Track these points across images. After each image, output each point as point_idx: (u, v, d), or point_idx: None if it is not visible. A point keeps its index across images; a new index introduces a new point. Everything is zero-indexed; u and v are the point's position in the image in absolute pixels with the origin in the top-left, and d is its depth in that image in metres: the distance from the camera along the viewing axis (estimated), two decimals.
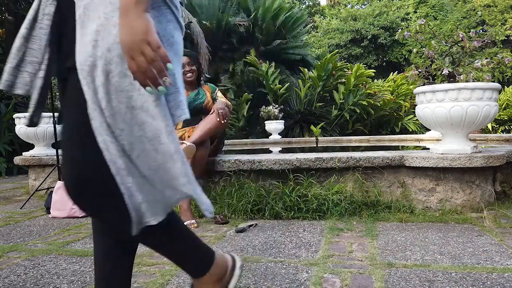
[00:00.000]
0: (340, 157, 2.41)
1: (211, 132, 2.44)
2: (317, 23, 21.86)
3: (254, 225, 2.24)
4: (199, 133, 2.39)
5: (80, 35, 0.76)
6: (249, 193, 2.46)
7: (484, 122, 2.38)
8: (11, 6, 8.02)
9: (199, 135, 2.38)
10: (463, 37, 4.16)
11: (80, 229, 2.33)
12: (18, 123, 3.71)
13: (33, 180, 3.81)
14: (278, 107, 8.77)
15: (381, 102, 9.30)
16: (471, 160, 2.25)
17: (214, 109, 2.48)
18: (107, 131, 0.74)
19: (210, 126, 2.43)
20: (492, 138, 5.35)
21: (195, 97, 2.76)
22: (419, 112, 2.53)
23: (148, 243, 0.95)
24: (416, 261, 1.58)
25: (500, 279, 1.37)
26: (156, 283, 1.43)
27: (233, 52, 11.17)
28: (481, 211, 2.27)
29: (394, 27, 18.22)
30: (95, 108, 0.74)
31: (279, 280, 1.43)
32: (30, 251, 1.89)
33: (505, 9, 18.38)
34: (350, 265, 1.56)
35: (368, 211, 2.35)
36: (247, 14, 11.52)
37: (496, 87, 2.34)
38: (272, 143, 7.56)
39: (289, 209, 2.38)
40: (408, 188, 2.42)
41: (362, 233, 2.00)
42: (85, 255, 1.80)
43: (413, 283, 1.36)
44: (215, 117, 2.44)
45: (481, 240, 1.83)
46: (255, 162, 2.52)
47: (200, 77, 2.86)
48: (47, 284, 1.47)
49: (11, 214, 2.87)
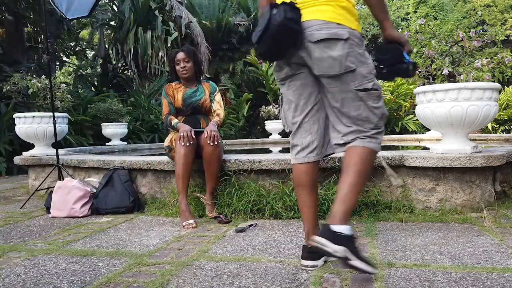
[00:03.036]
0: (340, 157, 2.41)
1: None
2: None
3: (254, 225, 2.24)
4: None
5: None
6: (249, 193, 2.46)
7: (484, 122, 2.38)
8: (11, 6, 8.01)
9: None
10: (463, 37, 4.15)
11: (80, 229, 2.33)
12: (18, 123, 3.71)
13: (33, 180, 3.81)
14: (278, 107, 8.77)
15: None
16: (471, 160, 2.24)
17: (205, 131, 2.47)
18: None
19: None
20: (492, 138, 5.35)
21: (192, 94, 2.73)
22: (419, 112, 2.53)
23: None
24: (416, 261, 1.58)
25: (500, 279, 1.37)
26: (156, 283, 1.43)
27: (233, 52, 11.17)
28: (481, 211, 2.27)
29: (394, 27, 18.22)
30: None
31: (279, 280, 1.43)
32: (30, 251, 1.89)
33: (505, 9, 18.36)
34: None
35: (368, 211, 2.35)
36: (247, 14, 11.52)
37: (496, 87, 2.34)
38: (272, 143, 7.57)
39: (289, 209, 2.38)
40: (408, 188, 2.42)
41: (362, 233, 2.00)
42: (85, 255, 1.80)
43: (413, 283, 1.36)
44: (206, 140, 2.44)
45: (481, 240, 1.83)
46: (255, 162, 2.52)
47: (199, 72, 2.82)
48: (47, 284, 1.47)
49: (11, 214, 2.87)
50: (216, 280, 1.44)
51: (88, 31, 13.55)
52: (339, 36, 1.36)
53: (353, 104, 1.43)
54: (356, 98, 1.42)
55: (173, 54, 2.73)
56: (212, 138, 2.42)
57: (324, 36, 1.36)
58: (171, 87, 2.76)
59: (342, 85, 1.42)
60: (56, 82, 4.91)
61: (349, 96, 1.42)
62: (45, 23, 3.53)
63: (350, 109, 1.44)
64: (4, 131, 5.85)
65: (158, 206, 2.75)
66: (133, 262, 1.67)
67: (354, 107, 1.43)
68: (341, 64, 1.38)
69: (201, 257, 1.71)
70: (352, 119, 1.46)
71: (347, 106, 1.44)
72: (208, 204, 2.49)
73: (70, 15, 3.38)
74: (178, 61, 2.70)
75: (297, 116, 1.55)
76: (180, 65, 2.69)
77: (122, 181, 2.79)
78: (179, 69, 2.71)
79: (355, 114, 1.44)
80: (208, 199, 2.50)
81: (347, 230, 1.34)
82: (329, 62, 1.38)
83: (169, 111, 2.71)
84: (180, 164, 2.39)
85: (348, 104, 1.44)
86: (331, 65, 1.38)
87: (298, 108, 1.54)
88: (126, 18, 8.78)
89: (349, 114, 1.45)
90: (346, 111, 1.45)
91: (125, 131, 6.25)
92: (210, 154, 2.43)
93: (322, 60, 1.39)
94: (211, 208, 2.48)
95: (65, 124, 3.85)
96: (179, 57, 2.69)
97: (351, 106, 1.44)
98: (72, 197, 2.67)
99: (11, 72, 6.39)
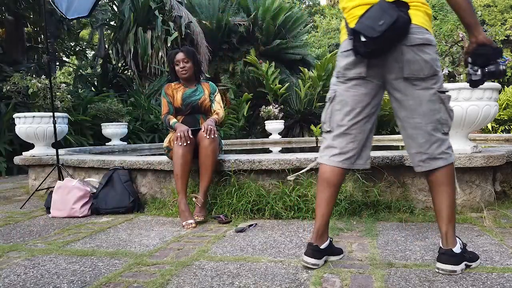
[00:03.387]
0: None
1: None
2: (317, 23, 21.85)
3: (254, 225, 2.24)
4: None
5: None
6: (249, 193, 2.46)
7: (484, 122, 2.38)
8: (11, 6, 8.02)
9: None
10: (463, 37, 4.16)
11: (80, 229, 2.33)
12: (18, 123, 3.71)
13: (33, 180, 3.81)
14: (278, 107, 8.77)
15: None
16: (471, 160, 2.24)
17: (203, 125, 2.51)
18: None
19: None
20: (492, 138, 5.35)
21: (191, 94, 2.74)
22: None
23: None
24: (416, 261, 1.58)
25: (500, 279, 1.37)
26: (156, 283, 1.43)
27: (233, 52, 11.18)
28: (481, 211, 2.27)
29: None
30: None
31: (279, 280, 1.43)
32: (30, 251, 1.89)
33: (505, 9, 18.37)
34: (350, 265, 1.56)
35: (368, 211, 2.35)
36: (247, 14, 11.51)
37: (496, 87, 2.34)
38: (272, 143, 7.57)
39: (289, 209, 2.38)
40: (408, 188, 2.42)
41: (362, 233, 2.00)
42: (85, 255, 1.80)
43: (413, 283, 1.36)
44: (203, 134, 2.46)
45: (481, 240, 1.83)
46: (255, 162, 2.52)
47: (198, 73, 2.82)
48: (47, 284, 1.47)
49: (11, 214, 2.87)
50: (216, 280, 1.44)
51: (88, 31, 13.56)
52: (430, 42, 1.43)
53: (433, 107, 1.46)
54: (437, 101, 1.46)
55: (173, 55, 2.73)
56: (209, 131, 2.43)
57: (419, 41, 1.41)
58: (171, 87, 2.77)
59: (426, 88, 1.45)
60: (56, 82, 4.91)
61: (432, 99, 1.46)
62: (45, 23, 3.53)
63: (432, 113, 1.46)
64: (4, 131, 5.85)
65: (158, 206, 2.75)
66: (133, 262, 1.68)
67: (434, 111, 1.46)
68: (431, 67, 1.43)
69: (201, 257, 1.71)
70: (433, 124, 1.47)
71: (428, 110, 1.46)
72: (198, 206, 2.39)
73: (70, 15, 3.38)
74: (177, 62, 2.71)
75: (347, 121, 1.54)
76: (180, 65, 2.70)
77: (122, 181, 2.79)
78: (178, 70, 2.71)
79: (437, 117, 1.46)
80: (200, 199, 2.40)
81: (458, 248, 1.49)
82: (421, 65, 1.42)
83: (168, 110, 2.71)
84: (178, 164, 2.39)
85: (428, 107, 1.46)
86: (422, 67, 1.42)
87: (352, 114, 1.53)
88: (126, 18, 8.78)
89: (430, 118, 1.46)
90: (427, 114, 1.46)
91: (125, 131, 6.25)
92: (206, 147, 2.42)
93: (414, 63, 1.42)
94: (200, 210, 2.38)
95: (65, 124, 3.85)
96: (179, 58, 2.69)
97: (432, 109, 1.46)
98: (72, 197, 2.67)
99: (11, 72, 6.39)
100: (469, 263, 1.49)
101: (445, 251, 1.45)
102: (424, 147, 1.49)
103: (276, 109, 8.49)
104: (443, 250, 1.46)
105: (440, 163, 1.47)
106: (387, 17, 1.33)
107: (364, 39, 1.37)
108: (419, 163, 1.52)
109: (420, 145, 1.50)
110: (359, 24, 1.39)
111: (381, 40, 1.36)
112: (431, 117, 1.46)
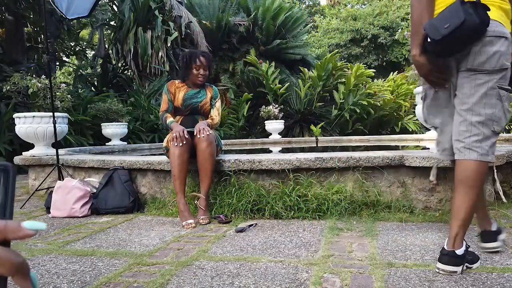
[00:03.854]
0: (340, 157, 2.41)
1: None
2: (317, 23, 21.85)
3: (254, 225, 2.24)
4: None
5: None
6: (249, 193, 2.46)
7: None
8: (11, 6, 8.02)
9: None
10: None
11: (80, 229, 2.33)
12: (18, 123, 3.71)
13: (33, 180, 3.81)
14: (278, 107, 8.77)
15: (381, 102, 9.29)
16: None
17: (196, 127, 2.51)
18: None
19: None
20: None
21: (193, 95, 2.72)
22: (419, 112, 2.53)
23: None
24: (416, 261, 1.58)
25: (500, 279, 1.37)
26: (156, 283, 1.43)
27: (233, 52, 11.18)
28: None
29: (394, 27, 18.21)
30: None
31: (279, 280, 1.43)
32: (30, 251, 1.89)
33: None
34: (350, 265, 1.56)
35: (368, 211, 2.35)
36: (247, 14, 11.51)
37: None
38: (272, 143, 7.57)
39: (289, 209, 2.38)
40: (408, 188, 2.42)
41: (362, 233, 2.00)
42: (85, 255, 1.80)
43: (413, 283, 1.36)
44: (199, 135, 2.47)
45: None
46: (255, 162, 2.52)
47: (207, 79, 2.80)
48: (47, 284, 1.47)
49: None
50: (216, 280, 1.44)
51: (88, 31, 13.55)
52: (502, 34, 1.38)
53: (489, 101, 1.41)
54: (495, 96, 1.41)
55: (194, 56, 2.65)
56: (201, 130, 2.44)
57: (489, 33, 1.37)
58: (174, 84, 2.74)
59: (488, 82, 1.40)
60: (56, 82, 4.90)
61: (489, 93, 1.41)
62: (45, 23, 3.53)
63: (484, 106, 1.41)
64: (4, 131, 5.85)
65: (158, 206, 2.75)
66: (133, 262, 1.68)
67: (488, 105, 1.41)
68: (498, 61, 1.38)
69: (201, 257, 1.71)
70: (481, 117, 1.41)
71: (479, 101, 1.41)
72: (202, 209, 2.40)
73: (70, 15, 3.38)
74: (198, 66, 2.65)
75: (439, 119, 1.59)
76: (200, 71, 2.65)
77: (122, 181, 2.79)
78: (196, 74, 2.66)
79: (489, 112, 1.41)
80: (203, 202, 2.41)
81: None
82: (487, 56, 1.38)
83: (167, 108, 2.70)
84: (175, 164, 2.39)
85: (482, 99, 1.41)
86: (487, 59, 1.38)
87: (446, 113, 1.57)
88: (126, 18, 8.78)
89: (479, 111, 1.41)
90: (477, 105, 1.41)
91: (125, 131, 6.25)
92: (203, 150, 2.42)
93: (480, 54, 1.38)
94: (204, 213, 2.39)
95: (65, 124, 3.85)
96: (201, 63, 2.64)
97: (486, 103, 1.41)
98: (72, 197, 2.67)
99: (11, 72, 6.39)
100: (470, 265, 1.48)
101: (448, 252, 1.44)
102: (463, 136, 1.45)
103: (276, 109, 8.49)
104: (446, 251, 1.44)
105: (473, 156, 1.41)
106: (455, 19, 1.31)
107: (429, 40, 1.37)
108: (455, 150, 1.48)
109: (459, 133, 1.46)
110: (428, 23, 1.38)
111: (444, 43, 1.34)
112: (481, 110, 1.41)
